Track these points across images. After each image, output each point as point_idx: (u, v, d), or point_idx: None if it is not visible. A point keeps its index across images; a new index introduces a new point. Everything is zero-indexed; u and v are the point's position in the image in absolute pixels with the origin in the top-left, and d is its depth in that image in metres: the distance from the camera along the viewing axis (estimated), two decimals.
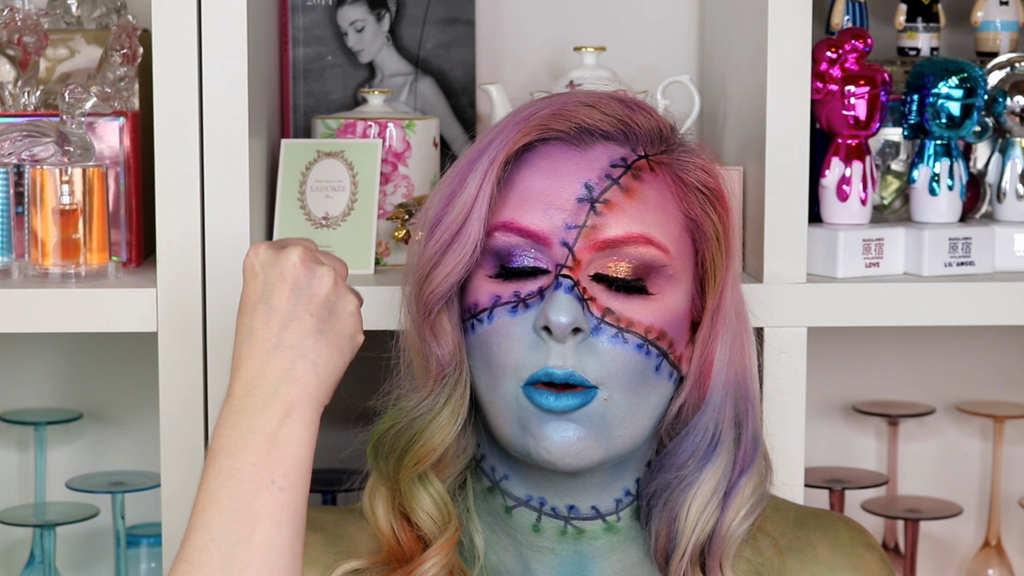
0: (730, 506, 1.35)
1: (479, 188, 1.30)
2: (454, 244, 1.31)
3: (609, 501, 1.36)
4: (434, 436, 1.33)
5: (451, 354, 1.33)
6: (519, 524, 1.36)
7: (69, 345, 2.01)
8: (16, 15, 1.73)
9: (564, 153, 1.32)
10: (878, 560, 1.41)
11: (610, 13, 1.99)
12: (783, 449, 1.64)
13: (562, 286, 1.28)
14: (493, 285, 1.31)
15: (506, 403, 1.30)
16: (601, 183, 1.30)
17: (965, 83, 1.72)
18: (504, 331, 1.30)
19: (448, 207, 1.32)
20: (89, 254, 1.62)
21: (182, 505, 1.59)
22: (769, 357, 1.64)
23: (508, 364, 1.30)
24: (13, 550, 2.03)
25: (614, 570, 1.37)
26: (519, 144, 1.31)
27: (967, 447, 2.13)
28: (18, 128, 1.62)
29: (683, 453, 1.35)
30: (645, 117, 1.34)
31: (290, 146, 1.71)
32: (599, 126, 1.32)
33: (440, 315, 1.33)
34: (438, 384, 1.33)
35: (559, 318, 1.26)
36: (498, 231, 1.31)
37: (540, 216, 1.30)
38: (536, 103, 1.35)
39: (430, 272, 1.32)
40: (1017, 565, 2.09)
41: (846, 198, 1.70)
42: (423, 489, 1.34)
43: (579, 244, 1.29)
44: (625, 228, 1.30)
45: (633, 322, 1.29)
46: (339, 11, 1.90)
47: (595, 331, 1.29)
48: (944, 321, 1.67)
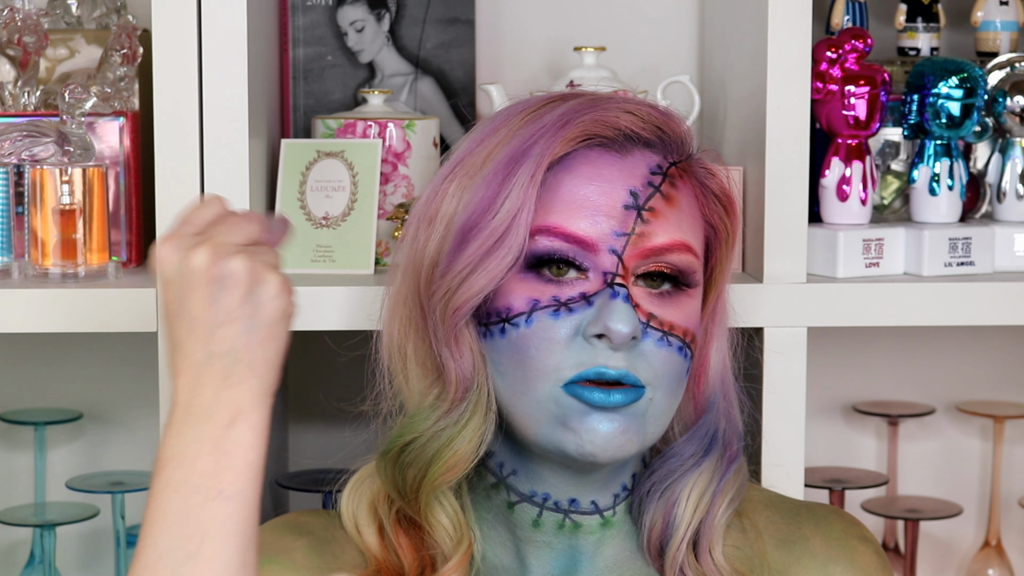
0: (720, 493, 1.37)
1: (525, 194, 1.29)
2: (497, 251, 1.29)
3: (608, 496, 1.37)
4: (463, 449, 1.32)
5: (472, 364, 1.32)
6: (520, 519, 1.37)
7: (69, 345, 2.01)
8: (16, 15, 1.73)
9: (606, 159, 1.32)
10: (872, 552, 1.42)
11: (610, 13, 1.99)
12: (783, 449, 1.64)
13: (619, 295, 1.29)
14: (526, 287, 1.31)
15: (540, 404, 1.30)
16: (645, 190, 1.31)
17: (965, 83, 1.72)
18: (545, 334, 1.29)
19: (487, 214, 1.30)
20: (89, 254, 1.62)
21: None
22: (769, 357, 1.64)
23: (547, 366, 1.29)
24: (13, 550, 2.03)
25: (606, 563, 1.38)
26: (566, 150, 1.31)
27: (967, 447, 2.13)
28: (18, 128, 1.62)
29: (687, 449, 1.38)
30: (673, 123, 1.35)
31: (290, 146, 1.71)
32: (640, 133, 1.33)
33: (460, 326, 1.32)
34: (462, 393, 1.32)
35: (621, 327, 1.27)
36: (540, 235, 1.30)
37: (588, 223, 1.30)
38: (566, 102, 1.34)
39: (466, 279, 1.30)
40: (1017, 565, 2.09)
41: (846, 198, 1.70)
42: (438, 503, 1.34)
43: (628, 252, 1.30)
44: (669, 236, 1.31)
45: (674, 325, 1.31)
46: (339, 11, 1.90)
47: (642, 336, 1.30)
48: (944, 321, 1.67)
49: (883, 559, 1.42)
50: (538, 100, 1.36)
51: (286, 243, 1.27)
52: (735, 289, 1.61)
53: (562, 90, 1.39)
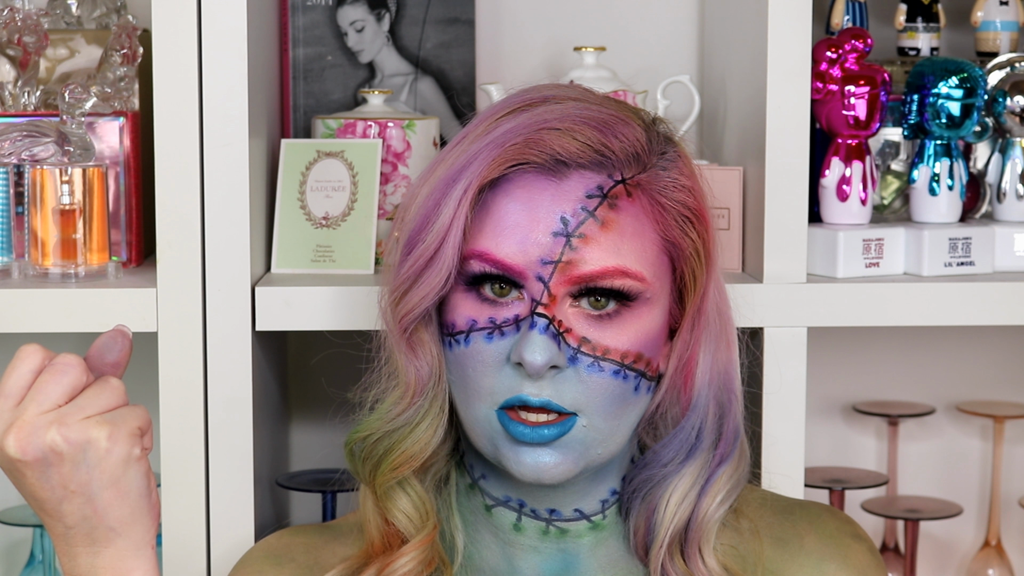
0: (707, 493, 1.36)
1: (453, 216, 1.29)
2: (428, 270, 1.30)
3: (594, 503, 1.37)
4: (412, 447, 1.34)
5: (430, 369, 1.33)
6: (500, 522, 1.37)
7: (69, 345, 2.01)
8: (16, 15, 1.73)
9: (539, 184, 1.30)
10: (866, 550, 1.42)
11: (610, 13, 1.99)
12: (783, 449, 1.64)
13: (537, 325, 1.28)
14: (468, 305, 1.31)
15: (479, 423, 1.31)
16: (576, 216, 1.29)
17: (965, 83, 1.72)
18: (479, 356, 1.30)
19: (423, 231, 1.31)
20: (89, 254, 1.62)
21: (182, 505, 1.59)
22: (769, 357, 1.64)
23: (483, 388, 1.30)
24: (13, 550, 2.03)
25: (599, 565, 1.37)
26: (495, 175, 1.30)
27: (967, 447, 2.13)
28: (18, 128, 1.62)
29: (668, 453, 1.37)
30: (620, 140, 1.31)
31: (290, 146, 1.71)
32: (574, 157, 1.30)
33: (418, 331, 1.33)
34: (417, 397, 1.34)
35: (534, 358, 1.26)
36: (473, 259, 1.30)
37: (515, 249, 1.29)
38: (508, 119, 1.32)
39: (405, 293, 1.32)
40: (1017, 565, 2.09)
41: (846, 198, 1.70)
42: (401, 490, 1.35)
43: (555, 279, 1.28)
44: (600, 262, 1.29)
45: (609, 349, 1.30)
46: (339, 11, 1.90)
47: (572, 361, 1.29)
48: (944, 321, 1.67)
49: (876, 557, 1.42)
50: (496, 110, 1.35)
51: (127, 356, 1.23)
52: (735, 289, 1.61)
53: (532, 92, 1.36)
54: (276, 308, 1.59)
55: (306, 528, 1.45)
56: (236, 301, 1.59)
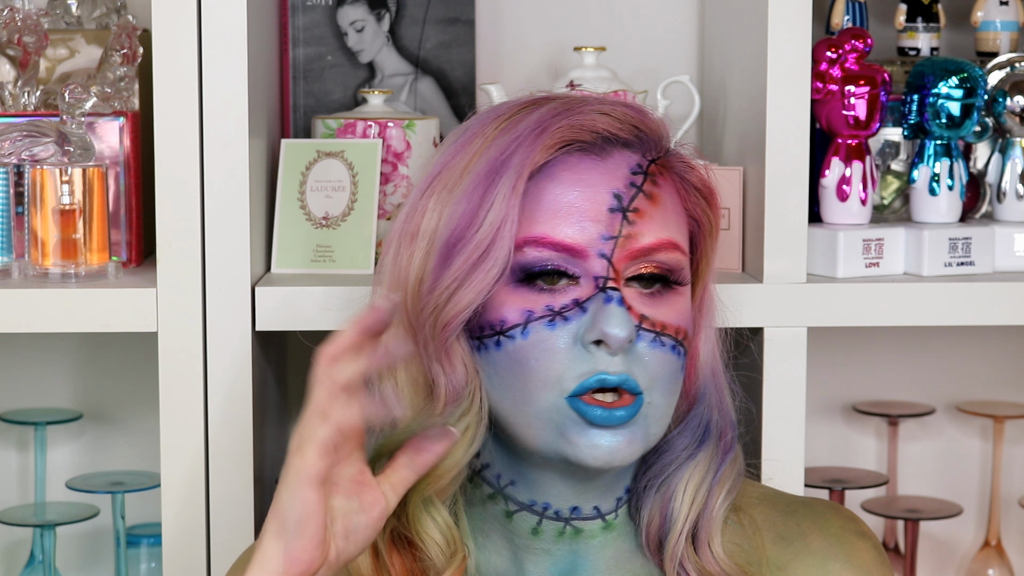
0: (717, 484, 1.37)
1: (507, 206, 1.28)
2: (482, 264, 1.28)
3: (611, 500, 1.36)
4: (448, 460, 1.30)
5: (464, 378, 1.31)
6: (518, 528, 1.36)
7: (69, 345, 2.01)
8: (16, 15, 1.73)
9: (586, 163, 1.31)
10: (871, 548, 1.41)
11: (610, 13, 1.99)
12: (783, 449, 1.64)
13: (613, 299, 1.28)
14: (519, 298, 1.29)
15: (542, 414, 1.29)
16: (628, 191, 1.30)
17: (965, 83, 1.72)
18: (543, 344, 1.28)
19: (471, 227, 1.29)
20: (89, 254, 1.62)
21: (182, 505, 1.59)
22: (769, 357, 1.64)
23: (550, 377, 1.28)
24: (13, 550, 2.03)
25: (607, 563, 1.37)
26: (545, 158, 1.30)
27: (967, 447, 2.13)
28: (18, 128, 1.62)
29: (681, 442, 1.37)
30: (649, 120, 1.34)
31: (290, 146, 1.71)
32: (618, 134, 1.31)
33: (451, 339, 1.31)
34: (451, 407, 1.31)
35: (618, 332, 1.26)
36: (528, 246, 1.29)
37: (575, 229, 1.29)
38: (540, 107, 1.33)
39: (454, 294, 1.29)
40: (1017, 565, 2.09)
41: (846, 198, 1.70)
42: (428, 515, 1.33)
43: (616, 254, 1.29)
44: (656, 235, 1.30)
45: (667, 325, 1.31)
46: (339, 11, 1.90)
47: (637, 337, 1.29)
48: (944, 321, 1.67)
49: (881, 555, 1.42)
50: (511, 107, 1.35)
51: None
52: (735, 289, 1.61)
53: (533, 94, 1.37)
54: (276, 308, 1.59)
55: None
56: (236, 301, 1.59)
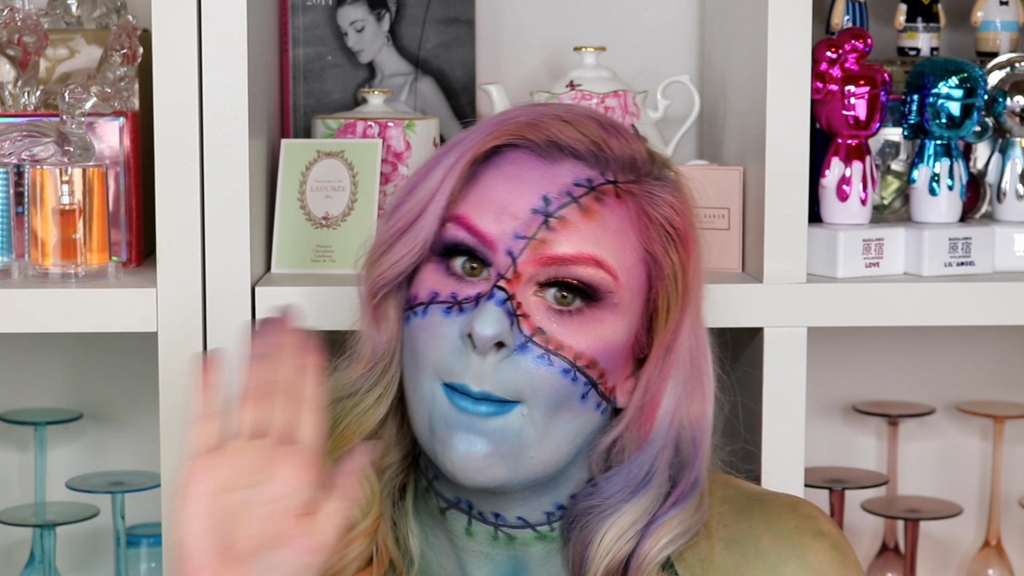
0: (651, 535, 1.31)
1: (441, 182, 1.29)
2: (408, 233, 1.30)
3: (538, 513, 1.33)
4: (358, 420, 1.32)
5: (387, 342, 1.32)
6: (453, 526, 1.34)
7: (69, 345, 2.01)
8: (16, 15, 1.73)
9: (529, 162, 1.29)
10: (828, 548, 1.35)
11: (610, 13, 1.99)
12: (783, 449, 1.64)
13: (494, 298, 1.25)
14: (435, 278, 1.29)
15: (423, 399, 1.28)
16: (560, 199, 1.27)
17: (965, 83, 1.72)
18: (434, 329, 1.27)
19: (409, 195, 1.31)
20: (89, 254, 1.62)
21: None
22: (769, 357, 1.64)
23: (430, 361, 1.27)
24: (13, 550, 2.03)
25: None
26: (488, 146, 1.30)
27: (967, 447, 2.13)
28: (18, 128, 1.62)
29: (613, 486, 1.32)
30: (621, 143, 1.31)
31: (290, 146, 1.71)
32: (570, 144, 1.29)
33: (386, 300, 1.32)
34: (367, 369, 1.32)
35: (484, 330, 1.24)
36: (450, 222, 1.29)
37: (492, 219, 1.27)
38: (517, 108, 1.34)
39: (380, 256, 1.31)
40: (1017, 565, 2.09)
41: (846, 198, 1.70)
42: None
43: (524, 256, 1.26)
44: (576, 247, 1.26)
45: (563, 346, 1.26)
46: (339, 11, 1.90)
47: (521, 348, 1.26)
48: (944, 321, 1.67)
49: (840, 553, 1.36)
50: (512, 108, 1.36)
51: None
52: (735, 289, 1.61)
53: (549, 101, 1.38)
54: (276, 308, 1.59)
55: None
56: (236, 301, 1.59)
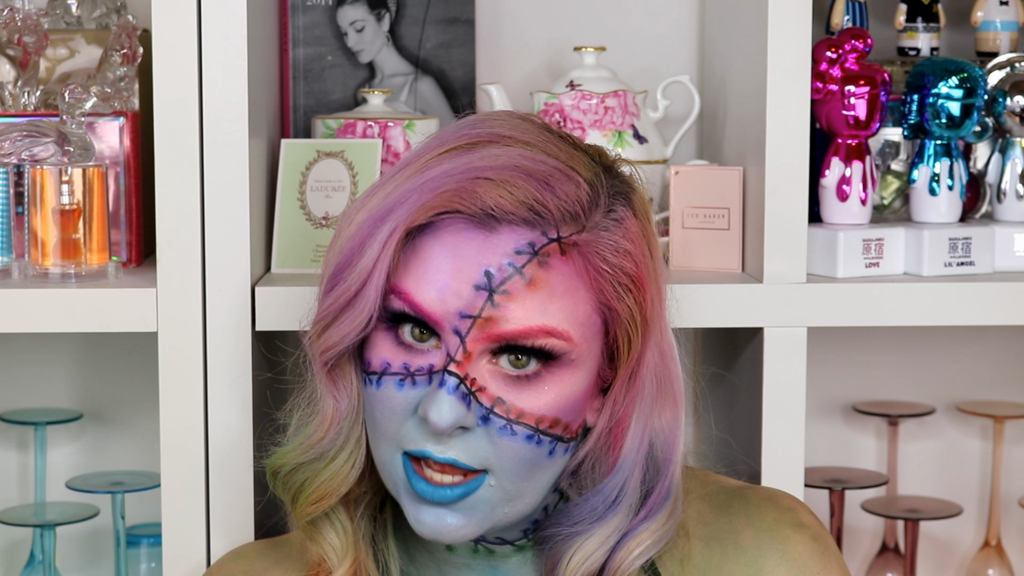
0: (623, 547, 1.32)
1: (376, 259, 1.25)
2: (350, 310, 1.27)
3: (515, 532, 1.35)
4: (330, 481, 1.31)
5: (349, 402, 1.31)
6: (433, 544, 1.35)
7: (69, 345, 2.01)
8: (16, 15, 1.73)
9: (468, 233, 1.25)
10: (808, 539, 1.36)
11: (610, 13, 1.99)
12: (783, 449, 1.64)
13: (447, 384, 1.23)
14: (385, 346, 1.27)
15: (385, 466, 1.29)
16: (502, 272, 1.24)
17: (965, 83, 1.72)
18: (388, 402, 1.26)
19: (346, 269, 1.27)
20: (89, 254, 1.62)
21: (182, 505, 1.59)
22: (769, 357, 1.64)
23: (388, 433, 1.27)
24: (13, 550, 2.03)
25: None
26: (422, 220, 1.25)
27: (967, 447, 2.13)
28: (18, 128, 1.62)
29: (580, 512, 1.32)
30: (559, 197, 1.25)
31: (290, 146, 1.71)
32: (506, 212, 1.24)
33: (341, 362, 1.30)
34: (333, 429, 1.31)
35: (440, 419, 1.22)
36: (394, 295, 1.26)
37: (435, 298, 1.24)
38: (444, 160, 1.27)
39: (326, 328, 1.29)
40: (1017, 565, 2.09)
41: (846, 198, 1.70)
42: (327, 520, 1.34)
43: (472, 335, 1.24)
44: (523, 321, 1.24)
45: (524, 413, 1.25)
46: (339, 11, 1.90)
47: (484, 421, 1.25)
48: (944, 321, 1.67)
49: (821, 544, 1.37)
50: (444, 141, 1.29)
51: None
52: (735, 289, 1.61)
53: (481, 126, 1.30)
54: (276, 308, 1.59)
55: (247, 551, 1.44)
56: (236, 301, 1.59)
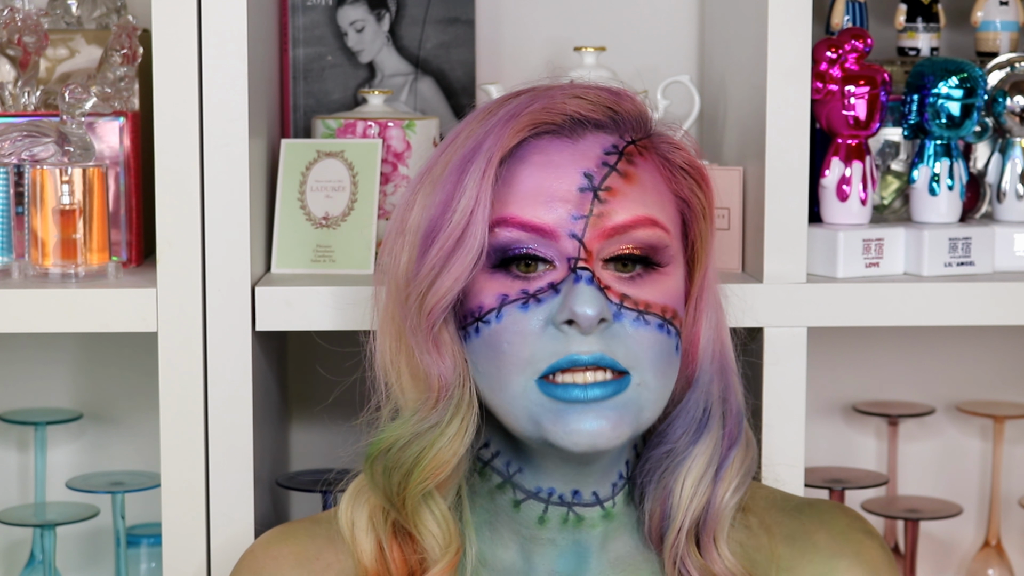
0: (721, 480, 1.36)
1: (479, 190, 1.29)
2: (458, 250, 1.29)
3: (607, 486, 1.36)
4: (444, 451, 1.32)
5: (454, 367, 1.32)
6: (525, 518, 1.36)
7: (69, 345, 2.01)
8: (16, 15, 1.73)
9: (557, 145, 1.32)
10: (878, 547, 1.41)
11: (610, 13, 1.99)
12: (783, 449, 1.64)
13: (582, 278, 1.28)
14: (496, 284, 1.30)
15: (515, 400, 1.30)
16: (600, 171, 1.31)
17: (965, 83, 1.72)
18: (516, 327, 1.29)
19: (446, 214, 1.30)
20: (89, 254, 1.62)
21: (182, 505, 1.59)
22: (769, 357, 1.64)
23: (521, 359, 1.29)
24: (13, 550, 2.03)
25: (610, 560, 1.38)
26: (514, 141, 1.31)
27: (967, 447, 2.13)
28: (18, 128, 1.62)
29: (676, 430, 1.36)
30: (629, 103, 1.35)
31: (290, 146, 1.71)
32: (590, 116, 1.32)
33: (440, 328, 1.32)
34: (443, 399, 1.32)
35: (585, 310, 1.26)
36: (499, 227, 1.30)
37: (544, 210, 1.30)
38: (519, 97, 1.34)
39: (434, 282, 1.30)
40: (1017, 565, 2.09)
41: (846, 198, 1.70)
42: (427, 508, 1.34)
43: (588, 234, 1.29)
44: (631, 212, 1.30)
45: (650, 304, 1.30)
46: (339, 11, 1.90)
47: (616, 317, 1.29)
48: (944, 321, 1.67)
49: (888, 553, 1.42)
50: (496, 101, 1.36)
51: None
52: (735, 289, 1.61)
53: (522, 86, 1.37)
54: (276, 308, 1.59)
55: (295, 530, 1.42)
56: (236, 301, 1.59)
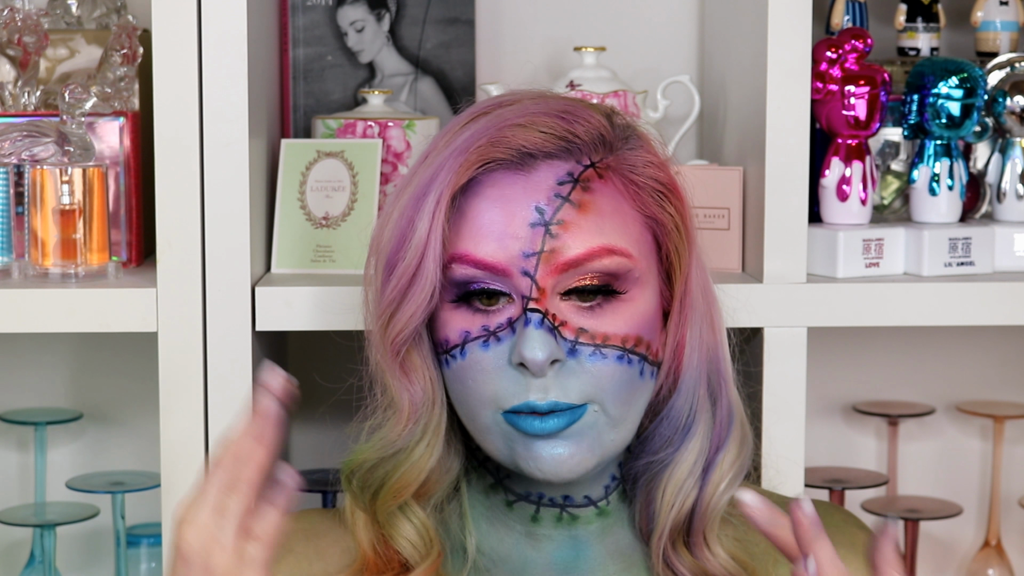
0: (709, 481, 1.36)
1: (429, 228, 1.28)
2: (412, 287, 1.29)
3: (599, 489, 1.37)
4: (410, 471, 1.33)
5: (423, 391, 1.33)
6: (519, 516, 1.38)
7: (69, 345, 2.01)
8: (16, 15, 1.73)
9: (510, 179, 1.30)
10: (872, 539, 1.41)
11: (610, 13, 1.99)
12: (783, 449, 1.64)
13: (532, 321, 1.27)
14: (459, 319, 1.30)
15: (489, 429, 1.31)
16: (552, 204, 1.28)
17: (965, 83, 1.72)
18: (479, 365, 1.29)
19: (401, 249, 1.30)
20: (89, 254, 1.62)
21: None
22: (769, 357, 1.64)
23: (485, 396, 1.29)
24: (13, 550, 2.03)
25: (607, 552, 1.38)
26: (464, 179, 1.29)
27: (967, 447, 2.13)
28: (18, 128, 1.62)
29: (659, 438, 1.36)
30: (583, 124, 1.31)
31: (290, 146, 1.71)
32: (540, 147, 1.29)
33: (409, 353, 1.32)
34: (411, 422, 1.33)
35: (536, 355, 1.26)
36: (455, 263, 1.29)
37: (495, 247, 1.28)
38: (469, 127, 1.32)
39: (392, 316, 1.31)
40: (1017, 565, 2.09)
41: (846, 198, 1.70)
42: (404, 518, 1.35)
43: (540, 271, 1.28)
44: (585, 244, 1.28)
45: (609, 335, 1.29)
46: (339, 11, 1.90)
47: (572, 353, 1.28)
48: (944, 321, 1.67)
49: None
50: (462, 118, 1.34)
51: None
52: (735, 289, 1.61)
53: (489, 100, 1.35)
54: (276, 308, 1.59)
55: (308, 513, 1.44)
56: (236, 301, 1.59)
